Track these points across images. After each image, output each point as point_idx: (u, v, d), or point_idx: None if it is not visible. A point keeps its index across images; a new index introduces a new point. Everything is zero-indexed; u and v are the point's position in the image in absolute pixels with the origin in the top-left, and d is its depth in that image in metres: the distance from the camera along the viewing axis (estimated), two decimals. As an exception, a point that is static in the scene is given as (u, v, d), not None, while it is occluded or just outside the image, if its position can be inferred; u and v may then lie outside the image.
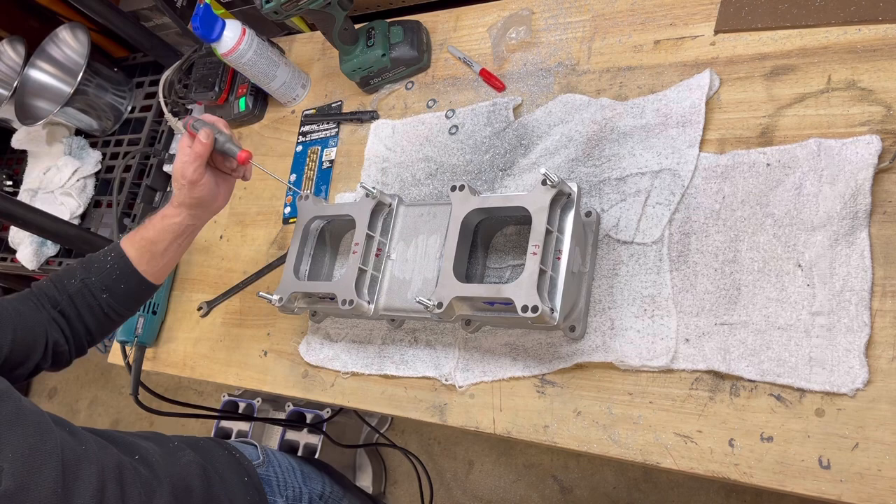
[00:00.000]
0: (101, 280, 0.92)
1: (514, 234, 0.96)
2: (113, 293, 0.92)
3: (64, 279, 0.92)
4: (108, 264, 0.93)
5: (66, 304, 0.90)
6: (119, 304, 0.94)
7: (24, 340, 0.84)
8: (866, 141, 0.76)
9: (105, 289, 0.92)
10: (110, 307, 0.93)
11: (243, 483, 0.97)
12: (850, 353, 0.71)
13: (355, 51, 1.14)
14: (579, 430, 0.84)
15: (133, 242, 0.94)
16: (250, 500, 0.96)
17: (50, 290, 0.91)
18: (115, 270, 0.92)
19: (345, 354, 1.04)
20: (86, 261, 0.94)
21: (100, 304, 0.92)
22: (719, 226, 0.83)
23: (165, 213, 0.93)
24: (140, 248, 0.93)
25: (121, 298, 0.93)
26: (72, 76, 1.48)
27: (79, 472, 0.73)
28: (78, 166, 1.44)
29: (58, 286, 0.91)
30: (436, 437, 2.10)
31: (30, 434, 0.71)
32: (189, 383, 2.62)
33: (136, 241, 0.94)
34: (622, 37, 0.99)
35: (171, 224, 0.93)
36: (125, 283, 0.93)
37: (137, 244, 0.93)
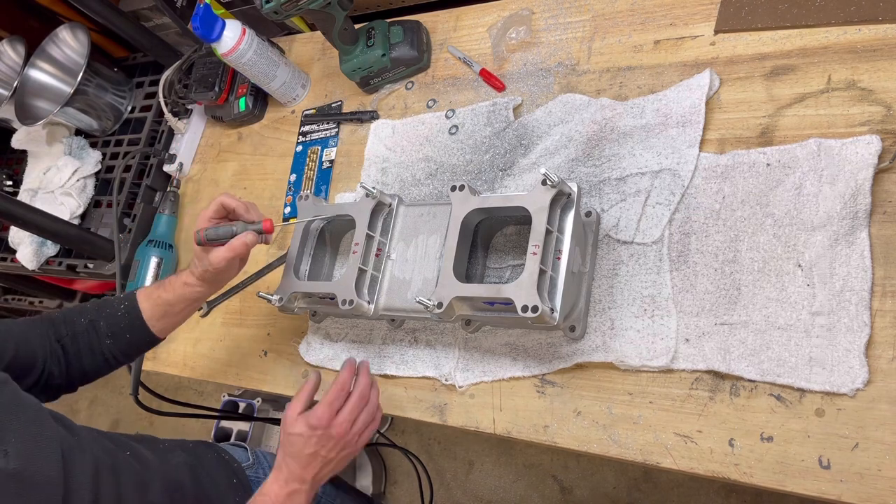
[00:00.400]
0: (108, 326, 0.94)
1: (514, 234, 0.96)
2: (117, 341, 0.94)
3: (74, 316, 0.94)
4: (119, 311, 0.95)
5: (68, 340, 0.92)
6: (120, 351, 0.95)
7: (24, 360, 0.86)
8: (866, 141, 0.76)
9: (111, 335, 0.94)
10: (111, 353, 0.95)
11: (232, 484, 0.98)
12: (850, 353, 0.71)
13: (355, 51, 1.14)
14: (579, 430, 0.84)
15: (149, 298, 0.96)
16: (239, 500, 0.96)
17: (58, 322, 0.93)
18: (125, 319, 0.95)
19: (345, 354, 1.04)
20: (99, 303, 0.97)
21: (101, 349, 0.94)
22: (719, 226, 0.83)
23: (187, 280, 0.94)
24: (155, 306, 0.95)
25: (123, 346, 0.95)
26: (72, 76, 1.47)
27: (74, 460, 0.75)
28: (78, 166, 1.44)
29: (66, 321, 0.94)
30: (436, 437, 2.10)
31: (30, 420, 0.73)
32: (189, 383, 2.62)
33: (153, 299, 0.96)
34: (622, 37, 0.99)
35: (192, 293, 0.95)
36: (131, 334, 0.95)
37: (153, 301, 0.96)
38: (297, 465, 0.84)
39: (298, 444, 0.85)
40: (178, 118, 1.42)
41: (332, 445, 0.85)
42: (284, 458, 0.85)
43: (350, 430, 0.87)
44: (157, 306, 0.96)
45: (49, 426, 0.75)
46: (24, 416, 0.74)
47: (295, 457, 0.84)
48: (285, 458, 0.85)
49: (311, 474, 0.85)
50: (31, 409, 0.75)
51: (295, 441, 0.85)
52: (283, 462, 0.85)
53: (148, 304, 0.96)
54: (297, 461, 0.84)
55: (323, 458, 0.85)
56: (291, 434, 0.85)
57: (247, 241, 0.89)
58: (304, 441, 0.84)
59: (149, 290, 0.97)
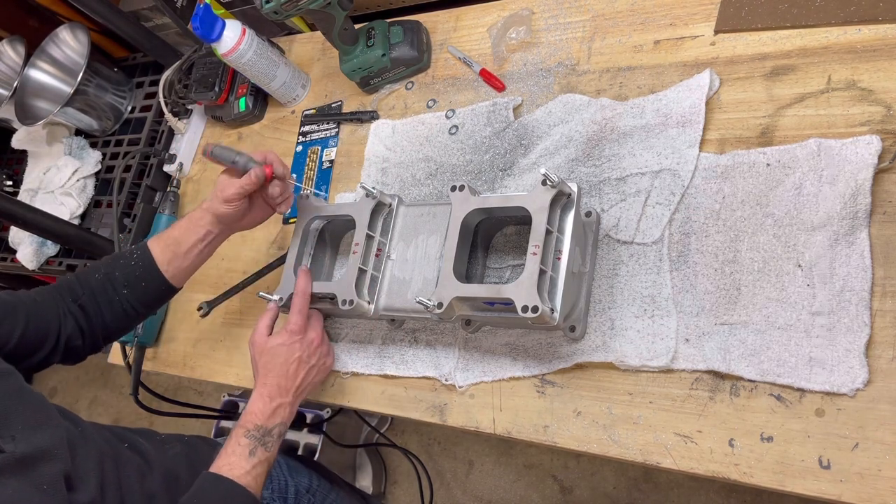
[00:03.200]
0: (123, 276, 0.93)
1: (514, 234, 0.96)
2: (133, 290, 0.94)
3: (88, 274, 0.94)
4: (132, 261, 0.94)
5: (86, 298, 0.92)
6: (139, 301, 0.95)
7: (36, 331, 0.86)
8: (866, 141, 0.76)
9: (126, 284, 0.93)
10: (129, 304, 0.94)
11: None
12: (850, 353, 0.71)
13: (355, 51, 1.14)
14: (579, 430, 0.84)
15: (159, 241, 0.96)
16: None
17: (73, 283, 0.92)
18: (139, 268, 0.94)
19: (345, 354, 1.04)
20: (112, 257, 0.96)
21: (120, 300, 0.93)
22: (719, 226, 0.83)
23: (193, 215, 0.96)
24: (164, 247, 0.95)
25: (140, 296, 0.95)
26: (72, 76, 1.48)
27: (79, 449, 0.77)
28: (78, 166, 1.44)
29: (80, 280, 0.93)
30: (436, 437, 2.10)
31: (36, 409, 0.75)
32: (189, 383, 2.62)
33: (162, 240, 0.96)
34: (622, 37, 0.99)
35: (196, 226, 0.95)
36: (146, 282, 0.94)
37: (163, 242, 0.96)
38: (280, 378, 0.89)
39: (282, 353, 0.90)
40: (178, 118, 1.42)
41: (313, 350, 0.94)
42: (265, 377, 0.89)
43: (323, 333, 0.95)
44: (167, 247, 0.95)
45: (54, 416, 0.76)
46: (30, 405, 0.75)
47: (279, 369, 0.89)
48: (266, 376, 0.89)
49: (296, 384, 0.90)
50: (36, 400, 0.77)
51: (278, 352, 0.90)
52: (263, 381, 0.89)
53: (158, 248, 0.95)
54: (281, 372, 0.89)
55: (306, 363, 0.92)
56: (272, 347, 0.91)
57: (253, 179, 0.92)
58: (287, 349, 0.90)
59: (159, 235, 0.97)
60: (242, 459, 0.82)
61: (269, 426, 0.86)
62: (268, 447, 0.84)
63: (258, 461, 0.83)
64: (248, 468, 0.81)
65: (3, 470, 0.67)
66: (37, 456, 0.71)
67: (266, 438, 0.85)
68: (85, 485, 0.75)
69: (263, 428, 0.85)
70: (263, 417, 0.86)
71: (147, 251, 0.95)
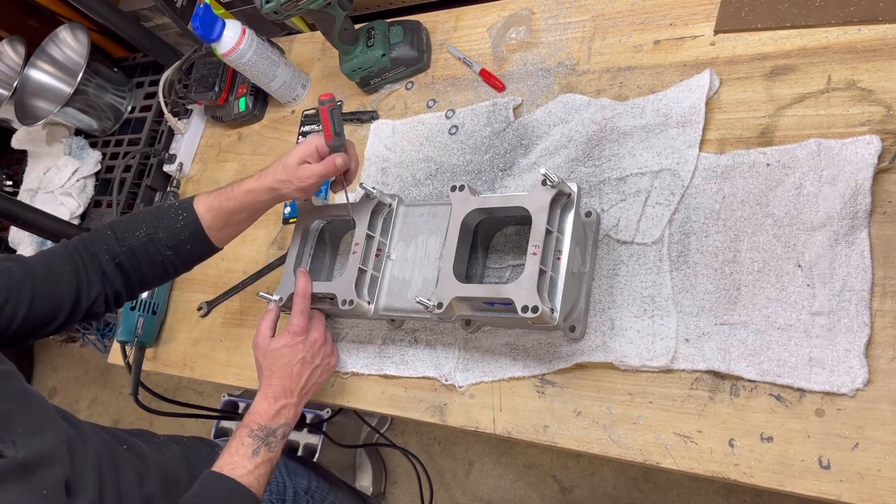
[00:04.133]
0: (168, 237, 0.91)
1: (514, 234, 0.96)
2: (178, 252, 0.92)
3: (127, 230, 0.91)
4: (178, 223, 0.92)
5: (125, 256, 0.89)
6: (181, 262, 0.94)
7: (44, 307, 0.83)
8: (866, 141, 0.76)
9: (171, 247, 0.91)
10: (172, 264, 0.93)
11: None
12: (850, 353, 0.71)
13: (355, 51, 1.14)
14: (579, 430, 0.84)
15: (209, 208, 0.93)
16: None
17: (110, 241, 0.89)
18: (185, 231, 0.92)
19: (345, 354, 1.04)
20: (153, 213, 0.93)
21: (163, 260, 0.92)
22: (719, 226, 0.83)
23: (251, 187, 0.92)
24: (216, 216, 0.93)
25: (185, 257, 0.94)
26: (72, 76, 1.48)
27: (78, 452, 0.76)
28: (78, 166, 1.44)
29: (118, 237, 0.90)
30: (436, 437, 2.10)
31: (37, 412, 0.74)
32: (189, 383, 2.62)
33: (214, 208, 0.93)
34: (622, 37, 0.99)
35: (255, 201, 0.93)
36: (192, 245, 0.93)
37: (215, 211, 0.93)
38: (285, 379, 0.89)
39: (286, 354, 0.90)
40: (178, 118, 1.42)
41: (317, 350, 0.93)
42: (270, 378, 0.89)
43: (325, 334, 0.95)
44: (219, 216, 0.93)
45: (54, 418, 0.76)
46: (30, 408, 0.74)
47: (283, 370, 0.89)
48: (271, 378, 0.89)
49: (300, 385, 0.90)
50: (37, 402, 0.76)
51: (282, 353, 0.90)
52: (268, 382, 0.89)
53: (209, 214, 0.93)
54: (286, 373, 0.89)
55: (309, 364, 0.91)
56: (275, 349, 0.90)
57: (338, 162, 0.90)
58: (290, 350, 0.90)
59: (208, 200, 0.94)
60: (245, 459, 0.82)
61: (273, 426, 0.86)
62: (271, 447, 0.84)
63: (261, 461, 0.82)
64: (251, 468, 0.81)
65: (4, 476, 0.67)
66: (37, 461, 0.70)
67: (270, 439, 0.85)
68: (83, 489, 0.75)
69: (267, 428, 0.85)
70: (267, 418, 0.86)
71: (195, 217, 0.92)
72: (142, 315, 1.25)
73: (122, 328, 1.25)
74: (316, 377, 0.94)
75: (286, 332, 0.93)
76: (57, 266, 0.86)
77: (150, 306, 1.26)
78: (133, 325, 1.24)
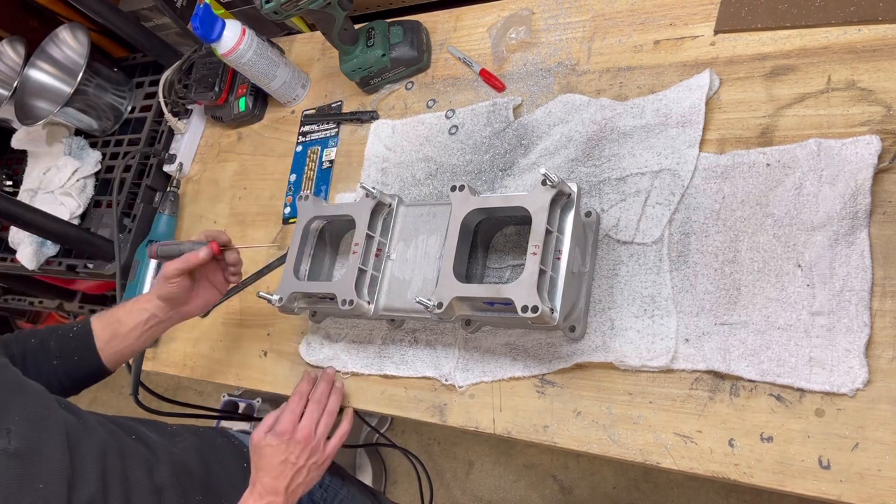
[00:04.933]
0: (58, 346, 0.91)
1: (514, 234, 0.96)
2: (64, 362, 0.91)
3: (26, 336, 0.92)
4: (70, 332, 0.93)
5: (17, 360, 0.89)
6: (67, 375, 0.92)
7: None
8: (866, 141, 0.76)
9: (59, 355, 0.91)
10: (57, 377, 0.91)
11: (242, 468, 0.99)
12: (850, 353, 0.71)
13: (355, 51, 1.14)
14: (579, 430, 0.84)
15: (101, 318, 0.94)
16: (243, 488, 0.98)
17: (10, 342, 0.91)
18: (76, 340, 0.92)
19: (345, 354, 1.04)
20: (55, 326, 0.95)
21: (49, 370, 0.91)
22: (719, 226, 0.83)
23: (139, 297, 0.95)
24: (105, 324, 0.94)
25: (71, 370, 0.92)
26: (72, 76, 1.47)
27: (80, 442, 0.75)
28: (78, 166, 1.44)
29: (18, 340, 0.91)
30: (436, 437, 2.10)
31: (34, 402, 0.74)
32: (189, 383, 2.62)
33: (105, 317, 0.94)
34: (622, 37, 0.99)
35: (140, 308, 0.94)
36: (79, 356, 0.92)
37: (105, 319, 0.94)
38: (269, 478, 0.87)
39: (268, 454, 0.88)
40: (178, 118, 1.42)
41: (300, 451, 0.90)
42: (257, 474, 0.88)
43: (315, 434, 0.91)
44: (107, 325, 0.93)
45: (53, 408, 0.75)
46: (27, 397, 0.74)
47: (267, 469, 0.88)
48: (258, 474, 0.88)
49: (284, 484, 0.87)
50: (34, 391, 0.76)
51: (265, 452, 0.89)
52: (256, 478, 0.88)
53: (99, 324, 0.93)
54: (270, 473, 0.87)
55: (293, 465, 0.88)
56: (261, 447, 0.89)
57: (200, 255, 0.91)
58: (272, 450, 0.88)
59: (103, 312, 0.95)
60: None
61: None
62: None
63: None
64: None
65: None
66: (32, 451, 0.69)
67: None
68: (84, 480, 0.74)
69: None
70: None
71: (88, 325, 0.93)
72: (142, 315, 1.25)
73: (122, 328, 1.24)
74: (302, 477, 0.90)
75: (273, 431, 0.90)
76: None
77: (150, 306, 1.26)
78: (133, 325, 1.24)
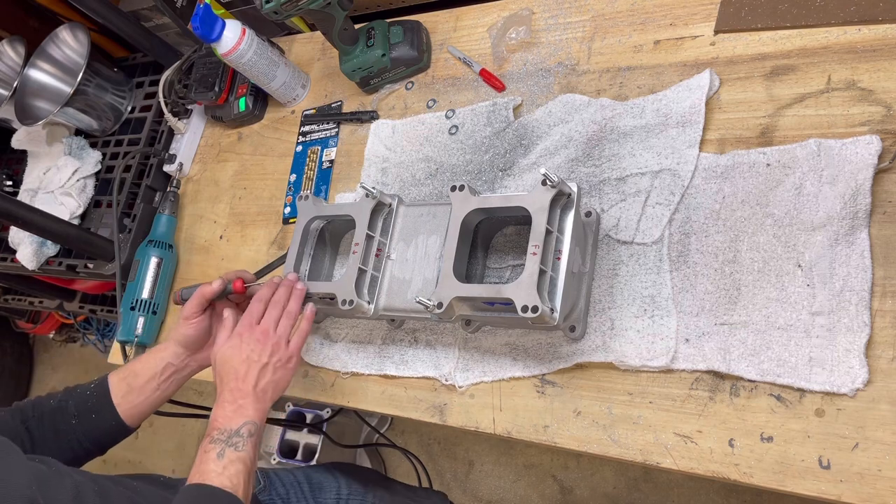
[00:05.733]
0: (76, 404, 0.90)
1: (514, 234, 0.96)
2: (83, 421, 0.90)
3: (43, 399, 0.91)
4: (87, 390, 0.92)
5: (34, 422, 0.88)
6: (87, 436, 0.90)
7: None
8: (866, 141, 0.76)
9: (77, 414, 0.89)
10: (77, 438, 0.89)
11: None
12: (850, 353, 0.71)
13: (355, 51, 1.14)
14: (579, 430, 0.84)
15: (118, 372, 0.93)
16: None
17: (27, 405, 0.89)
18: (93, 397, 0.91)
19: (345, 354, 1.04)
20: (73, 387, 0.93)
21: (67, 431, 0.89)
22: (719, 226, 0.83)
23: (156, 347, 0.94)
24: (121, 378, 0.92)
25: (89, 429, 0.90)
26: (72, 76, 1.47)
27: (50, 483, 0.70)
28: (78, 166, 1.44)
29: (35, 403, 0.90)
30: (436, 437, 2.10)
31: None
32: (189, 383, 2.61)
33: (122, 371, 0.93)
34: (622, 37, 0.99)
35: (157, 357, 0.93)
36: (97, 413, 0.90)
37: (121, 374, 0.93)
38: (234, 380, 0.85)
39: (229, 356, 0.86)
40: (178, 118, 1.42)
41: (262, 348, 0.87)
42: (222, 383, 0.86)
43: (274, 332, 0.88)
44: (123, 380, 0.92)
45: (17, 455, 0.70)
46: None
47: (230, 373, 0.85)
48: (223, 382, 0.86)
49: (251, 384, 0.85)
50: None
51: (226, 356, 0.87)
52: (222, 388, 0.86)
53: (116, 379, 0.92)
54: (234, 375, 0.85)
55: (257, 363, 0.86)
56: (221, 352, 0.87)
57: (213, 287, 0.91)
58: (233, 350, 0.86)
59: (123, 366, 0.94)
60: (211, 463, 0.78)
61: (234, 427, 0.81)
62: (238, 447, 0.80)
63: (229, 461, 0.78)
64: (220, 470, 0.77)
65: None
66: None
67: (233, 439, 0.80)
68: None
69: (227, 430, 0.81)
70: (224, 420, 0.82)
71: (104, 382, 0.92)
72: (142, 315, 1.25)
73: (122, 328, 1.24)
74: (269, 376, 0.86)
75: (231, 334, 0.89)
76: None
77: (151, 306, 1.26)
78: (133, 325, 1.24)
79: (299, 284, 0.94)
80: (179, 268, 1.33)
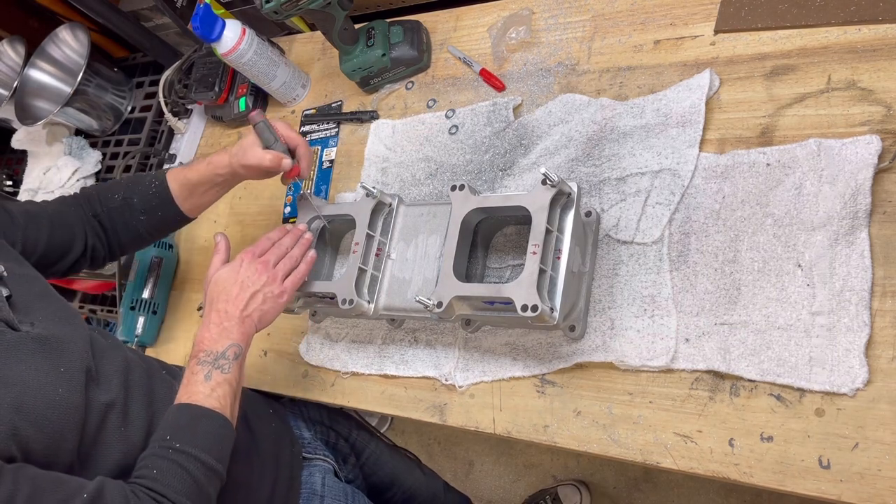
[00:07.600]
0: (141, 203, 1.00)
1: (514, 234, 0.96)
2: (150, 217, 1.01)
3: (108, 193, 1.01)
4: (150, 190, 1.00)
5: (104, 216, 0.99)
6: (153, 227, 1.03)
7: (62, 239, 0.95)
8: (866, 141, 0.76)
9: (144, 211, 1.00)
10: (145, 229, 1.02)
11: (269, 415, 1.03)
12: (850, 353, 0.71)
13: (355, 51, 1.14)
14: (579, 430, 0.84)
15: (177, 179, 1.01)
16: (275, 427, 1.01)
17: (93, 199, 1.00)
18: (156, 198, 1.00)
19: (345, 354, 1.04)
20: (132, 180, 1.02)
21: (136, 225, 1.01)
22: (719, 226, 0.83)
23: (213, 161, 1.00)
24: (181, 185, 1.01)
25: (156, 223, 1.02)
26: (72, 76, 1.47)
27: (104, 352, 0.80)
28: (78, 166, 1.44)
29: (101, 198, 1.00)
30: (436, 437, 2.10)
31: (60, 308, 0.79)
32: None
33: (180, 179, 1.01)
34: (622, 37, 0.99)
35: (215, 175, 1.00)
36: (162, 212, 1.01)
37: (180, 181, 1.01)
38: (224, 302, 0.87)
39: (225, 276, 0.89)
40: (178, 118, 1.42)
41: (257, 277, 0.89)
42: (211, 304, 0.88)
43: (273, 267, 0.91)
44: (184, 186, 1.01)
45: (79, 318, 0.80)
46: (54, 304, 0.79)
47: (222, 293, 0.87)
48: (212, 303, 0.88)
49: (239, 307, 0.86)
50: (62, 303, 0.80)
51: (222, 276, 0.89)
52: (209, 309, 0.87)
53: (175, 183, 1.01)
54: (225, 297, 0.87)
55: (249, 288, 0.88)
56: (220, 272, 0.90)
57: (283, 163, 0.96)
58: (230, 273, 0.89)
59: (178, 171, 1.02)
60: (199, 385, 0.80)
61: (220, 349, 0.82)
62: (224, 370, 0.81)
63: (216, 384, 0.80)
64: (208, 392, 0.79)
65: (21, 346, 0.70)
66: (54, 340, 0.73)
67: (220, 361, 0.82)
68: (107, 384, 0.77)
69: (214, 352, 0.82)
70: (211, 342, 0.83)
71: (165, 185, 1.00)
72: (142, 315, 1.25)
73: (122, 328, 1.25)
74: (258, 303, 0.88)
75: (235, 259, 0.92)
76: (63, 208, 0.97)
77: (151, 306, 1.26)
78: (133, 324, 1.24)
79: (307, 234, 0.99)
80: (179, 268, 1.33)
